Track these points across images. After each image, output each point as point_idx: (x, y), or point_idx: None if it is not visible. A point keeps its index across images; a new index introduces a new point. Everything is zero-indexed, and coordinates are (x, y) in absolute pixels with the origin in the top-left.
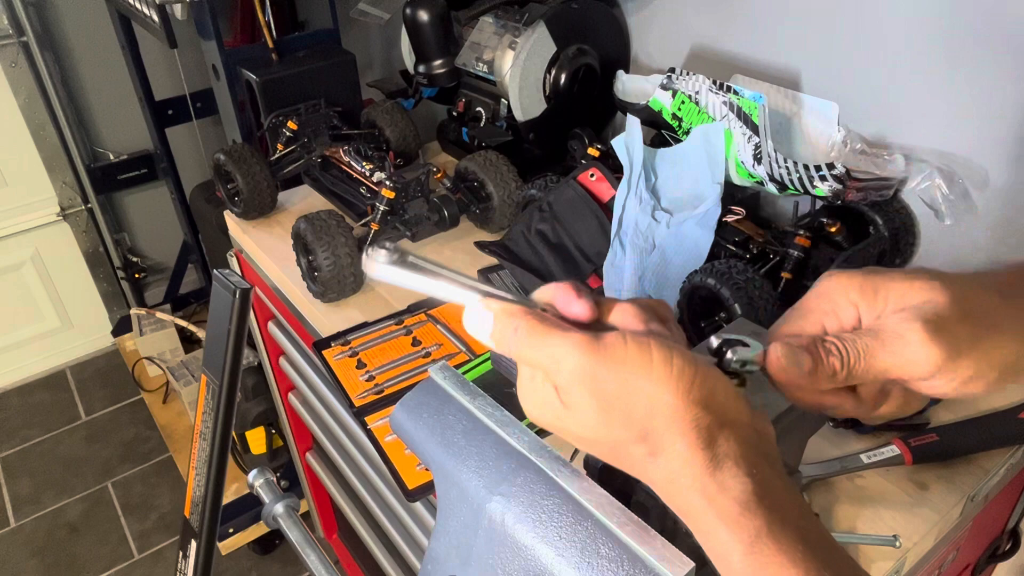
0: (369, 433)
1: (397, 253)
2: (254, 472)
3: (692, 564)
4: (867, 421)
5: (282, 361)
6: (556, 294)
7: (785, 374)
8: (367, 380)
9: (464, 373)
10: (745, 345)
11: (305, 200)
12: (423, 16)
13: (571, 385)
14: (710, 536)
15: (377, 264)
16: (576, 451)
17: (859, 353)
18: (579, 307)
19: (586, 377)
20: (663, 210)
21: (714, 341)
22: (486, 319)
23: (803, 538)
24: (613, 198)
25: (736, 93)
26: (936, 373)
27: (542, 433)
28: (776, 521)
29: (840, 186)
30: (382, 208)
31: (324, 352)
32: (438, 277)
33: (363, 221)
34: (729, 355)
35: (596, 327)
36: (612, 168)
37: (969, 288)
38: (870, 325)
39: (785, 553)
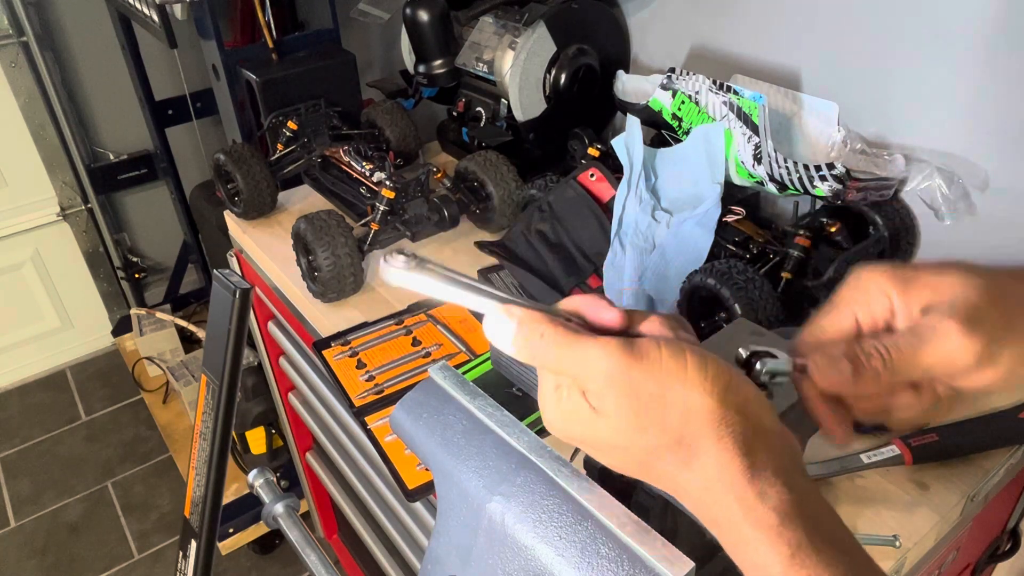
0: (369, 433)
1: (415, 259)
2: (254, 472)
3: (692, 564)
4: (928, 421)
5: (282, 361)
6: (584, 303)
7: (829, 382)
8: (367, 380)
9: (464, 373)
10: (774, 357)
11: (305, 200)
12: (423, 16)
13: (604, 389)
14: (748, 548)
15: (394, 271)
16: (576, 451)
17: (900, 351)
18: (610, 315)
19: (620, 380)
20: (663, 210)
21: (743, 352)
22: (508, 327)
23: (841, 549)
24: (613, 198)
25: (736, 93)
26: (977, 363)
27: (542, 433)
28: (815, 531)
29: (840, 186)
30: (382, 208)
31: (324, 352)
32: (456, 284)
33: (363, 221)
34: (758, 366)
35: (624, 336)
36: (612, 168)
37: (998, 277)
38: (906, 325)
39: (826, 565)
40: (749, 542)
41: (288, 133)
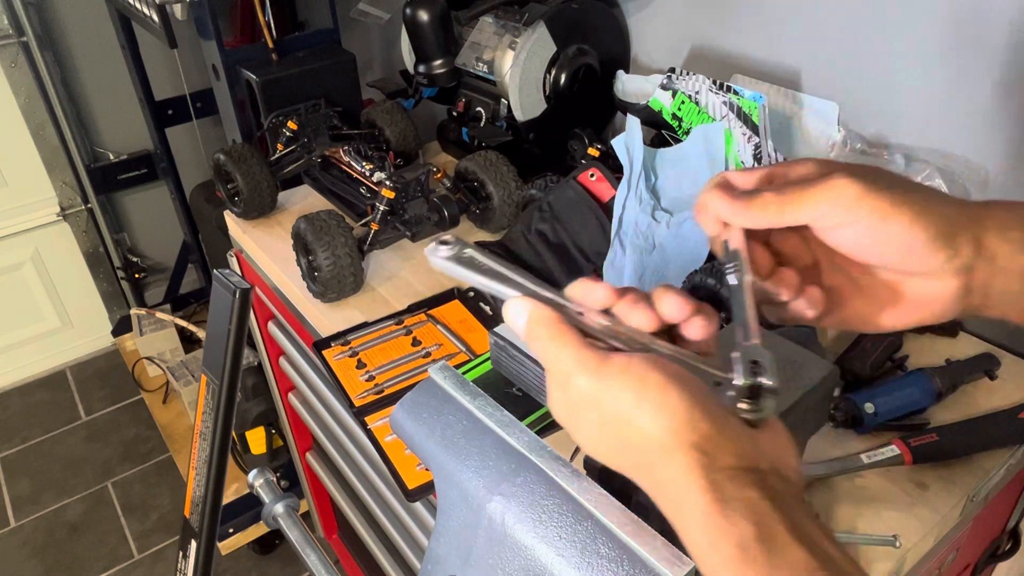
0: (369, 433)
1: (457, 247)
2: (254, 472)
3: (692, 564)
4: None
5: (282, 361)
6: (579, 290)
7: (725, 206)
8: (367, 380)
9: (464, 373)
10: (767, 378)
11: (305, 200)
12: (423, 16)
13: (577, 401)
14: None
15: (436, 259)
16: (576, 451)
17: (791, 187)
18: (599, 293)
19: (589, 398)
20: (663, 210)
21: (738, 377)
22: (521, 319)
23: None
24: (613, 198)
25: (736, 93)
26: (857, 200)
27: (542, 433)
28: (783, 569)
29: None
30: (382, 208)
31: (324, 352)
32: (488, 275)
33: (363, 221)
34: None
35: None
36: (612, 168)
37: (895, 176)
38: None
39: None
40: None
41: (288, 133)
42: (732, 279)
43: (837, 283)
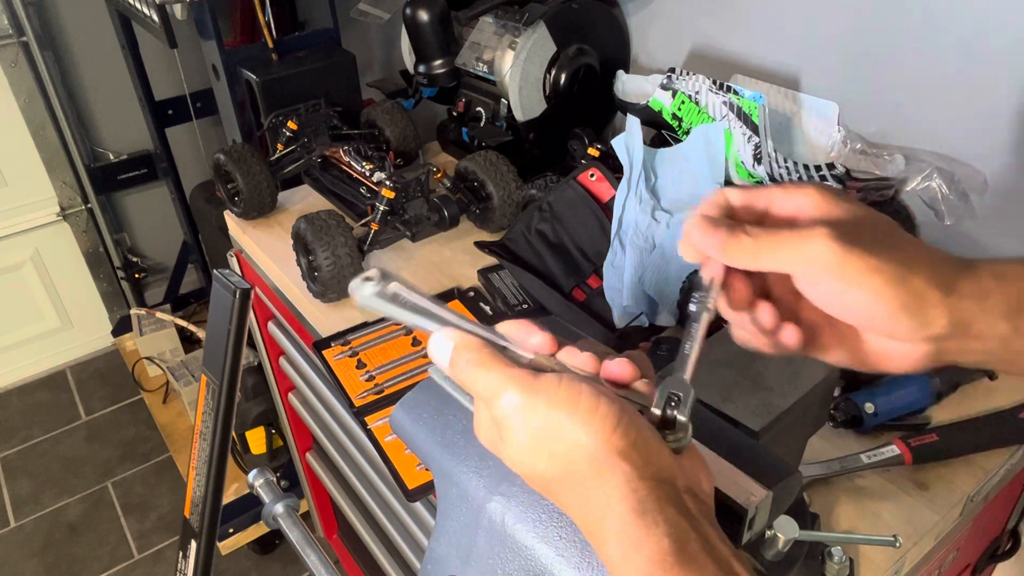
0: (369, 433)
1: (381, 283)
2: (254, 472)
3: None
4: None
5: (282, 361)
6: (513, 329)
7: (701, 239)
8: (367, 380)
9: None
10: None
11: (305, 200)
12: (423, 16)
13: (505, 417)
14: None
15: (361, 295)
16: None
17: (769, 235)
18: (537, 339)
19: (517, 410)
20: (663, 210)
21: (659, 394)
22: (447, 347)
23: None
24: (613, 198)
25: (736, 93)
26: (827, 267)
27: None
28: None
29: (840, 186)
30: (382, 208)
31: (324, 352)
32: (414, 311)
33: (363, 221)
34: (669, 412)
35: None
36: (612, 168)
37: (880, 221)
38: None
39: None
40: None
41: (288, 133)
42: (692, 307)
43: (815, 319)
